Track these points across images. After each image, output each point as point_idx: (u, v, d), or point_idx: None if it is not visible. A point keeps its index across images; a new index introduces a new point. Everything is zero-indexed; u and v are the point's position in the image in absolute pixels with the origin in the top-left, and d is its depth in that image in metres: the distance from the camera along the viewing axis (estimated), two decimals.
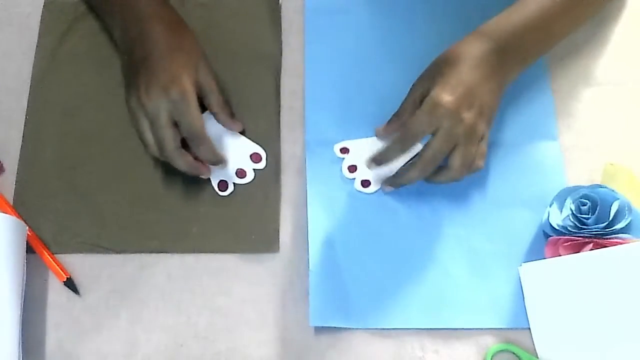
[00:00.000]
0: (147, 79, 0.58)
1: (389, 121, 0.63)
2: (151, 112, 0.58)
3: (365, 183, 0.63)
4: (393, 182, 0.61)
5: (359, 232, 0.62)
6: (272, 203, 0.64)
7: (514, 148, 0.65)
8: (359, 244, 0.62)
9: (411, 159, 0.60)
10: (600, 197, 0.58)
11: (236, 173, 0.64)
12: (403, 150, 0.59)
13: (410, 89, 0.61)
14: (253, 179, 0.64)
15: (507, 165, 0.64)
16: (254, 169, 0.64)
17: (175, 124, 0.58)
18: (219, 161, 0.62)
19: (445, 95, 0.55)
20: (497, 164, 0.64)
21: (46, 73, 0.69)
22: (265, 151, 0.65)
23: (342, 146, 0.65)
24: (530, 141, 0.65)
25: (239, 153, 0.64)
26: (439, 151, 0.56)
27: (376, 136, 0.65)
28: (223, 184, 0.63)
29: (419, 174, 0.58)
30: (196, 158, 0.61)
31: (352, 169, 0.64)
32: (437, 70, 0.58)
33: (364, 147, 0.64)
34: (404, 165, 0.61)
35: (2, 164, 0.65)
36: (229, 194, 0.63)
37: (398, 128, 0.62)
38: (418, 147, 0.59)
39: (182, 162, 0.60)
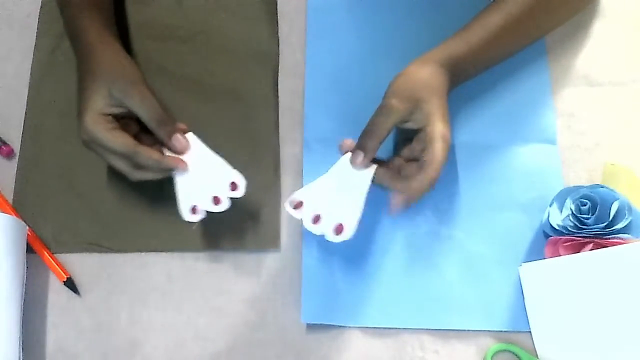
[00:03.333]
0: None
1: (364, 143, 0.56)
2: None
3: (316, 219, 0.57)
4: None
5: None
6: (272, 201, 0.64)
7: (512, 150, 0.65)
8: (353, 243, 0.61)
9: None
10: (600, 197, 0.58)
11: (212, 200, 0.57)
12: (431, 188, 0.55)
13: (383, 110, 0.56)
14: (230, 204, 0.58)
15: (505, 168, 0.64)
16: (229, 197, 0.57)
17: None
18: (166, 168, 0.58)
19: (447, 132, 0.55)
20: (496, 166, 0.64)
21: (45, 74, 0.69)
22: (245, 179, 0.58)
23: (295, 200, 0.57)
24: (529, 144, 0.65)
25: (217, 179, 0.58)
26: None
27: (342, 150, 0.58)
28: (195, 210, 0.57)
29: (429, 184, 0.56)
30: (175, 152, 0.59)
31: (316, 219, 0.57)
32: (417, 96, 0.56)
33: (317, 191, 0.58)
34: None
35: (12, 149, 0.66)
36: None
37: (375, 147, 0.56)
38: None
39: (145, 175, 0.58)
